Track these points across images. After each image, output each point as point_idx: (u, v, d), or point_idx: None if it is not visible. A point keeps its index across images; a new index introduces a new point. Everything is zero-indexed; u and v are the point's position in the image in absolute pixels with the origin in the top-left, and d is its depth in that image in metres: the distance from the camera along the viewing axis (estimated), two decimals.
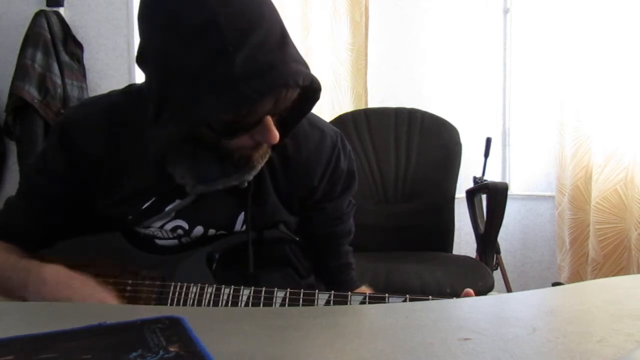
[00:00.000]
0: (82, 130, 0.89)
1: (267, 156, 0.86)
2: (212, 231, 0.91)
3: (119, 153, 0.88)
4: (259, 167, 0.85)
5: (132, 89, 0.93)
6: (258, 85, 0.69)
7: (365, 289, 1.01)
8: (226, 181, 0.84)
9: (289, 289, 0.83)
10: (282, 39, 0.73)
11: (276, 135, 0.76)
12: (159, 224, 0.90)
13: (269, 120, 0.75)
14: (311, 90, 0.79)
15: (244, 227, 0.91)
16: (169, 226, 0.90)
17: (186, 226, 0.90)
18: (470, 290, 0.82)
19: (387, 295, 0.80)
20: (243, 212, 0.90)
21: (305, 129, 0.93)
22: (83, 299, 0.81)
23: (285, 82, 0.71)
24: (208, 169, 0.85)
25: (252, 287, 0.84)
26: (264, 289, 0.83)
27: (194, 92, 0.71)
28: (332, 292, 0.82)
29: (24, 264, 0.87)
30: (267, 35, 0.71)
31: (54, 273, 0.84)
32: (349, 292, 0.83)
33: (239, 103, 0.71)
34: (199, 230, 0.91)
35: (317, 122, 0.97)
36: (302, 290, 0.82)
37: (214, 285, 0.85)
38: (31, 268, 0.86)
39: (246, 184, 0.86)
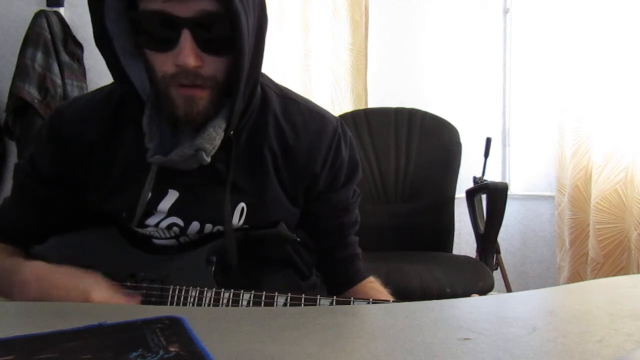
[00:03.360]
0: (74, 119, 0.90)
1: (201, 105, 0.79)
2: (208, 226, 0.90)
3: (112, 138, 0.89)
4: (212, 132, 0.80)
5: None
6: None
7: (373, 280, 1.01)
8: (179, 151, 0.81)
9: (289, 294, 0.82)
10: None
11: (187, 54, 0.74)
12: (153, 221, 0.89)
13: (186, 40, 0.74)
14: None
15: (242, 221, 0.90)
16: (164, 224, 0.89)
17: (181, 223, 0.89)
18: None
19: (391, 301, 0.81)
20: (240, 205, 0.89)
21: (305, 115, 0.93)
22: (67, 293, 0.79)
23: None
24: (163, 134, 0.84)
25: (252, 292, 0.83)
26: (264, 293, 0.83)
27: None
28: (334, 297, 0.81)
29: (10, 265, 0.87)
30: None
31: (33, 271, 0.84)
32: (352, 298, 0.83)
33: None
34: (195, 226, 0.90)
35: (316, 108, 0.97)
36: (303, 295, 0.82)
37: (214, 289, 0.84)
38: (14, 269, 0.85)
39: (208, 159, 0.81)
